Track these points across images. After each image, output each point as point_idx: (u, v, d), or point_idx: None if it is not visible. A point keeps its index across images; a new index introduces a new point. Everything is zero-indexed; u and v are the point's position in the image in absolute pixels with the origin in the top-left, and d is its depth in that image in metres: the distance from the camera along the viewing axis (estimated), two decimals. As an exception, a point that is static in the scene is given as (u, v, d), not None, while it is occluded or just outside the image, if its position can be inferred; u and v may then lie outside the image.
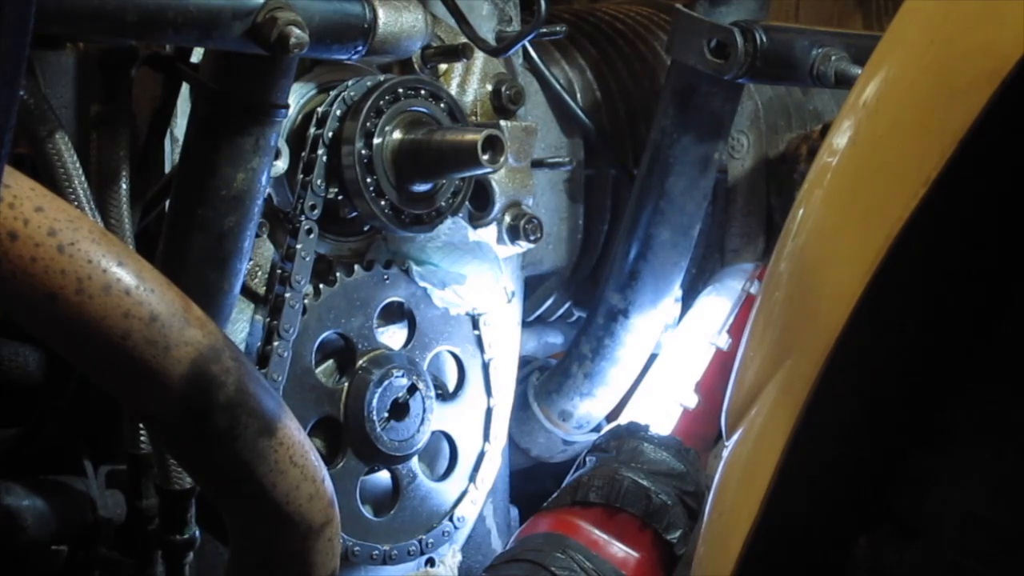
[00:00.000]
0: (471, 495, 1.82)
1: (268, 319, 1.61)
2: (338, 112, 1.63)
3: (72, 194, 1.40)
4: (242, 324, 1.63)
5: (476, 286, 1.76)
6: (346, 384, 1.69)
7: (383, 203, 1.64)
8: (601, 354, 2.02)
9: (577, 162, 2.02)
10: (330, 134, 1.62)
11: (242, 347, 1.61)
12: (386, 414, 1.68)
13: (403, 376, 1.69)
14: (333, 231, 1.69)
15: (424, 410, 1.72)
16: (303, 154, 1.63)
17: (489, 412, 1.84)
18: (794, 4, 2.57)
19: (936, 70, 0.91)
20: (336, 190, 1.63)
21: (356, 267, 1.70)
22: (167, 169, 1.61)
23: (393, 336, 1.75)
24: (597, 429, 2.08)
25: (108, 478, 1.55)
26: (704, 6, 1.88)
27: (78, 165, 1.41)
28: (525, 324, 2.00)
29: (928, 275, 0.96)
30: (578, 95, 2.06)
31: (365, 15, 1.53)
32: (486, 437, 1.84)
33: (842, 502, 1.03)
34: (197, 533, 1.52)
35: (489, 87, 1.82)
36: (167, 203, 1.53)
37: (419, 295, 1.75)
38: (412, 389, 1.70)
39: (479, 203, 1.80)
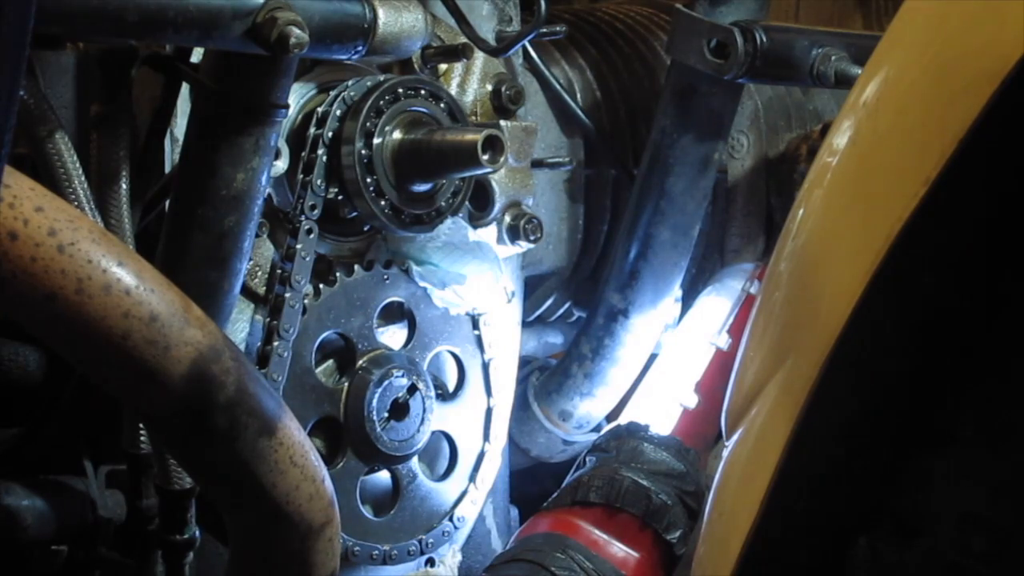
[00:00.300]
0: (471, 495, 1.82)
1: (268, 319, 1.61)
2: (338, 112, 1.63)
3: (72, 194, 1.40)
4: (242, 324, 1.63)
5: (476, 286, 1.76)
6: (346, 384, 1.69)
7: (383, 203, 1.64)
8: (601, 354, 2.02)
9: (577, 162, 2.02)
10: (330, 134, 1.62)
11: (242, 347, 1.61)
12: (386, 414, 1.68)
13: (403, 376, 1.69)
14: (333, 231, 1.69)
15: (424, 410, 1.72)
16: (303, 154, 1.63)
17: (489, 412, 1.84)
18: (794, 4, 2.57)
19: (936, 70, 0.91)
20: (336, 190, 1.63)
21: (356, 267, 1.70)
22: (167, 169, 1.60)
23: (393, 336, 1.75)
24: (597, 429, 2.08)
25: (108, 478, 1.55)
26: (704, 6, 1.88)
27: (78, 165, 1.41)
28: (525, 324, 2.00)
29: (928, 275, 0.96)
30: (578, 95, 2.06)
31: (365, 15, 1.53)
32: (486, 437, 1.84)
33: (842, 502, 1.03)
34: (197, 533, 1.52)
35: (489, 87, 1.82)
36: (167, 203, 1.53)
37: (419, 295, 1.75)
38: (412, 389, 1.70)
39: (479, 203, 1.80)
